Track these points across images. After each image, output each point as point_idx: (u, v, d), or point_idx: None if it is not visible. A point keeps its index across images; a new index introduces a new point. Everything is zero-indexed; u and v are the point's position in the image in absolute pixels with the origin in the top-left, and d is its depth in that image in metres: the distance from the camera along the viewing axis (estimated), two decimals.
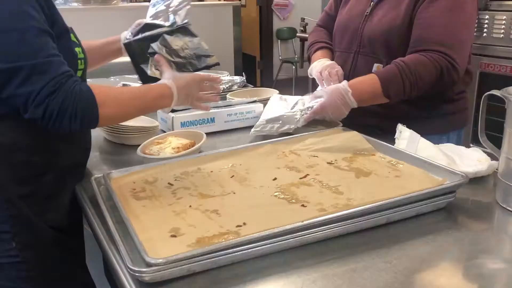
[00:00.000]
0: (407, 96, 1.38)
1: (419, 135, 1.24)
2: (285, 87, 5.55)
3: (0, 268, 1.06)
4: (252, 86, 2.18)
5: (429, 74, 1.35)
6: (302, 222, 0.85)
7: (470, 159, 1.18)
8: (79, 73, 1.13)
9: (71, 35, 1.12)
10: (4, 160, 1.05)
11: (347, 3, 1.66)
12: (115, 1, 2.59)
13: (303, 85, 4.66)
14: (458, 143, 1.52)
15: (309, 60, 1.73)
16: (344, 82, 1.40)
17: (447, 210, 1.00)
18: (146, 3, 2.89)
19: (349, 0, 1.65)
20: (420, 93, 1.39)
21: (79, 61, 1.12)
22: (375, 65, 1.49)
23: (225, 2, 3.27)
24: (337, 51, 1.65)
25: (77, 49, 1.12)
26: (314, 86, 1.71)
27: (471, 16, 1.42)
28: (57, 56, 0.99)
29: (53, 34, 1.02)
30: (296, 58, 6.48)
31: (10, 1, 0.96)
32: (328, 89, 1.42)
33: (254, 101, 1.68)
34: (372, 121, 1.46)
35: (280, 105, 1.55)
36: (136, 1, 2.88)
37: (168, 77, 1.23)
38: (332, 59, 1.65)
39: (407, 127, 1.28)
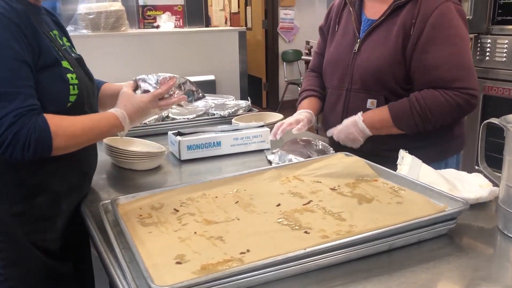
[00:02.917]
0: (422, 130, 1.42)
1: (420, 161, 1.26)
2: (290, 108, 5.59)
3: None
4: (257, 110, 2.22)
5: (446, 111, 1.39)
6: (305, 250, 0.86)
7: (472, 185, 1.19)
8: (72, 98, 1.15)
9: (64, 62, 1.15)
10: None
11: (333, 39, 1.65)
12: (123, 28, 2.65)
13: None
14: (457, 167, 1.53)
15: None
16: (359, 113, 1.47)
17: (448, 237, 1.01)
18: (154, 30, 2.96)
19: (335, 36, 1.65)
20: (440, 125, 1.42)
21: (71, 87, 1.14)
22: (369, 100, 1.51)
23: (231, 27, 3.34)
24: (329, 88, 1.66)
25: (69, 75, 1.14)
26: None
27: (466, 37, 1.43)
28: (28, 87, 1.03)
29: (31, 64, 1.05)
30: (301, 80, 6.54)
31: None
32: (345, 120, 1.50)
33: (262, 126, 1.71)
34: (368, 150, 1.48)
35: None
36: (144, 28, 2.94)
37: (118, 106, 1.24)
38: (320, 106, 1.71)
39: None
